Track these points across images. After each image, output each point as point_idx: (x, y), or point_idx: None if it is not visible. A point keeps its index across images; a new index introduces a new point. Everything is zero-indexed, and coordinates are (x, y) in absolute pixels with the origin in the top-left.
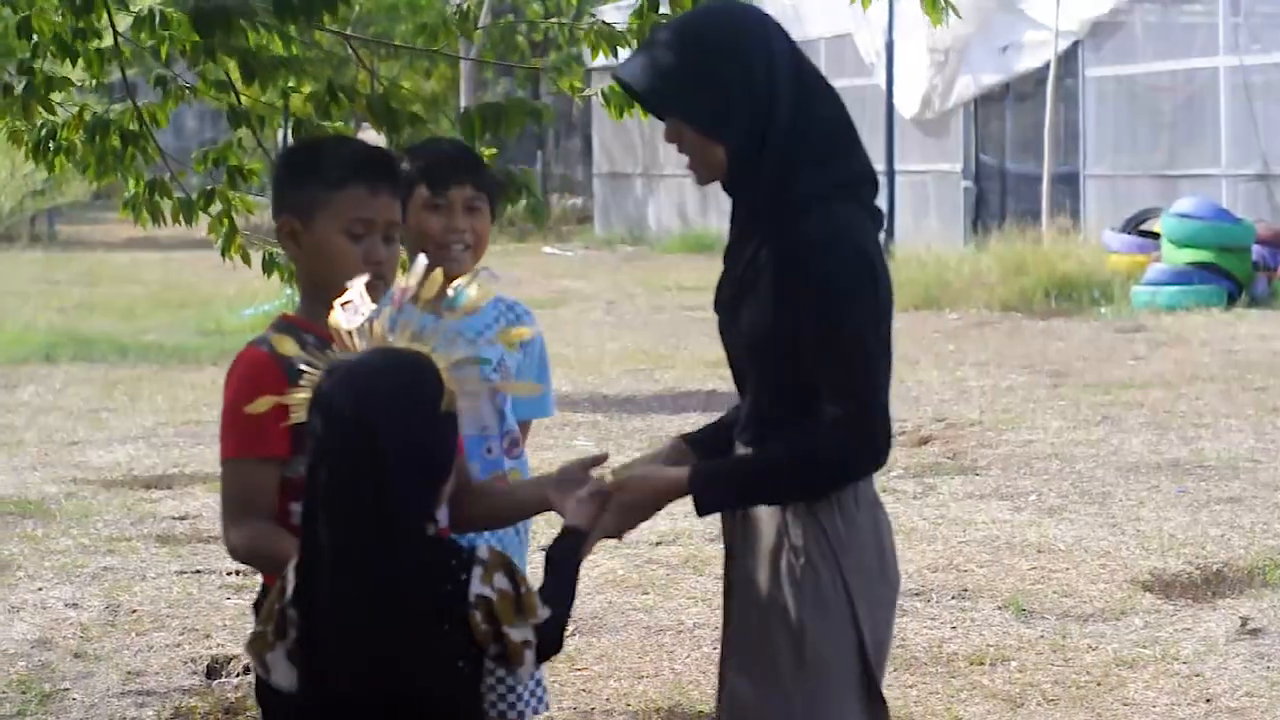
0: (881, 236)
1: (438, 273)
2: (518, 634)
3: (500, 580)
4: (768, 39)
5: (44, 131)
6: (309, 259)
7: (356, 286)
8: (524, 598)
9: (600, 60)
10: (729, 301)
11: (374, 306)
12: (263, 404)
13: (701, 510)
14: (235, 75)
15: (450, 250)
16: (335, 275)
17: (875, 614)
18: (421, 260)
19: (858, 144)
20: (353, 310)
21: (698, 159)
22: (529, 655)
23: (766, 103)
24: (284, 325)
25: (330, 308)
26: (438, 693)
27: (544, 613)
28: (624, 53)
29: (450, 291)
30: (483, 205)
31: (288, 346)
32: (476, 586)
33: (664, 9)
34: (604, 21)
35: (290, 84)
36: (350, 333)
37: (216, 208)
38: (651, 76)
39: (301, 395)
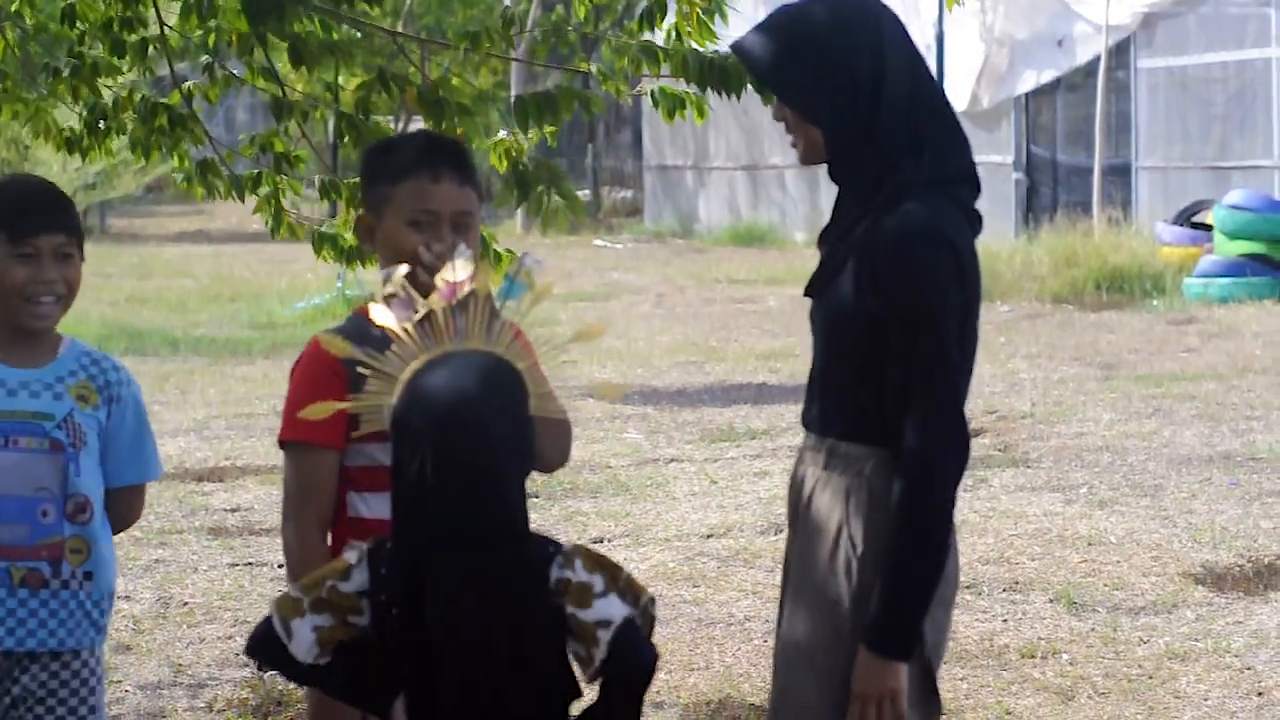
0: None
1: (489, 268)
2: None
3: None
4: (879, 25)
5: (94, 112)
6: (383, 253)
7: (398, 279)
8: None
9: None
10: (818, 285)
11: (423, 300)
12: (319, 410)
13: (900, 655)
14: (284, 65)
15: (39, 304)
16: None
17: (934, 612)
18: (467, 252)
19: (963, 142)
20: (400, 305)
21: (799, 139)
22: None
23: (871, 90)
24: (359, 319)
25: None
26: (559, 688)
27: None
28: (665, 69)
29: (505, 284)
30: (74, 252)
31: (338, 346)
32: (557, 571)
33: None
34: (646, 41)
35: (338, 73)
36: (407, 329)
37: (264, 190)
38: (758, 56)
39: (368, 401)
